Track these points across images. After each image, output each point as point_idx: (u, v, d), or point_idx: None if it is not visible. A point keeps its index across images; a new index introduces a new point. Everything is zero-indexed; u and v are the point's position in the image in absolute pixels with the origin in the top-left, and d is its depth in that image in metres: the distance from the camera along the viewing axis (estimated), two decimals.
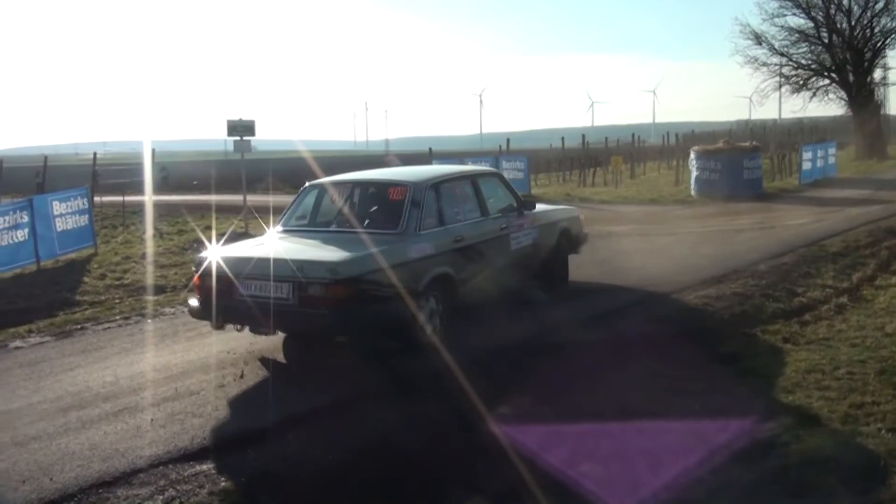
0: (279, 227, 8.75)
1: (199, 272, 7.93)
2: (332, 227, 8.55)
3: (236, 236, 16.50)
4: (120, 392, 7.08)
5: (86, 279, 12.91)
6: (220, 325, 7.96)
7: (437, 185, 8.73)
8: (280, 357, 8.04)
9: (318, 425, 6.13)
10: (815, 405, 6.21)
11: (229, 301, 7.61)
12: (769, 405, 6.32)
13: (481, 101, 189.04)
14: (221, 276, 7.63)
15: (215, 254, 7.97)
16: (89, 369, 7.84)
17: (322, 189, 9.15)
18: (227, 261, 7.72)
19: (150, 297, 11.33)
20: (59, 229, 14.81)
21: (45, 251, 14.26)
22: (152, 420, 6.33)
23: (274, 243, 8.20)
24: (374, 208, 8.72)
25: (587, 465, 5.35)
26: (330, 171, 11.46)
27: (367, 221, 8.45)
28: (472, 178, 9.58)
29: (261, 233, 10.25)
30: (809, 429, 5.73)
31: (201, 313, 8.02)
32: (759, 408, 6.25)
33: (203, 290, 7.90)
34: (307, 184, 9.32)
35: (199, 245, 13.94)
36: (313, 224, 8.78)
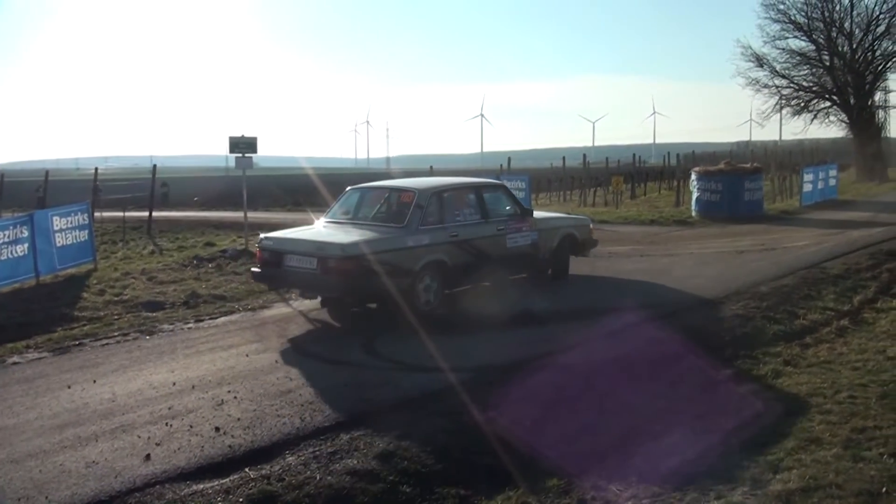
0: (323, 220, 11.39)
1: (260, 247, 10.74)
2: (358, 220, 11.13)
3: (236, 253, 16.54)
4: (117, 409, 7.04)
5: (85, 295, 12.87)
6: (273, 288, 11.49)
7: (439, 192, 11.11)
8: (277, 375, 7.99)
9: (316, 445, 6.10)
10: (816, 429, 6.18)
11: (278, 270, 10.32)
12: (771, 428, 6.29)
13: (482, 120, 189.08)
14: (274, 251, 10.41)
15: (270, 235, 10.92)
16: (87, 386, 7.79)
17: (357, 192, 11.83)
18: (278, 240, 10.62)
19: (148, 314, 11.30)
20: (58, 244, 14.79)
21: (44, 266, 14.23)
22: (149, 438, 6.28)
23: (312, 230, 11.19)
24: (390, 208, 11.37)
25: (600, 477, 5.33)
26: (331, 186, 11.94)
27: (382, 217, 11.16)
28: (477, 188, 11.91)
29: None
30: (811, 453, 5.70)
31: (260, 278, 10.93)
32: (761, 431, 6.22)
33: (261, 261, 10.65)
34: (349, 188, 11.95)
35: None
36: (347, 217, 11.30)
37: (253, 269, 11.10)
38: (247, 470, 5.65)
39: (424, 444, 6.00)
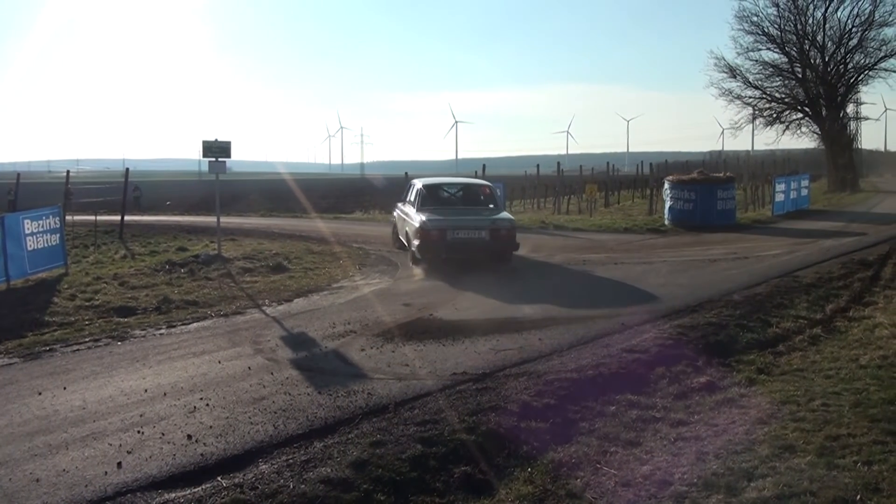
0: (424, 209, 15.80)
1: (424, 229, 15.05)
2: (452, 206, 16.44)
3: (209, 258, 16.42)
4: (88, 417, 6.94)
5: (56, 300, 12.72)
6: (433, 256, 15.22)
7: (497, 187, 16.00)
8: (250, 382, 7.92)
9: (289, 453, 6.04)
10: (790, 437, 6.20)
11: (443, 241, 14.95)
12: (745, 435, 6.31)
13: (456, 127, 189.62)
14: (439, 229, 15.02)
15: (431, 218, 15.27)
16: (57, 392, 7.69)
17: (433, 186, 16.97)
18: (440, 221, 15.18)
19: (120, 319, 11.17)
20: (29, 248, 14.61)
21: (15, 270, 14.05)
22: (121, 446, 6.19)
23: (451, 212, 15.89)
24: (474, 196, 16.98)
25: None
26: (308, 192, 11.78)
27: (475, 202, 16.72)
28: (494, 187, 17.72)
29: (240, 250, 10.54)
30: (785, 461, 5.72)
31: (424, 248, 15.10)
32: (735, 438, 6.24)
33: (426, 237, 15.07)
34: (416, 182, 17.18)
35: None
36: (444, 205, 16.41)
37: (413, 241, 15.44)
38: (219, 478, 5.58)
39: (399, 452, 5.96)
